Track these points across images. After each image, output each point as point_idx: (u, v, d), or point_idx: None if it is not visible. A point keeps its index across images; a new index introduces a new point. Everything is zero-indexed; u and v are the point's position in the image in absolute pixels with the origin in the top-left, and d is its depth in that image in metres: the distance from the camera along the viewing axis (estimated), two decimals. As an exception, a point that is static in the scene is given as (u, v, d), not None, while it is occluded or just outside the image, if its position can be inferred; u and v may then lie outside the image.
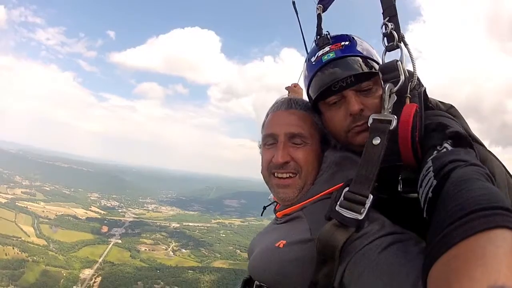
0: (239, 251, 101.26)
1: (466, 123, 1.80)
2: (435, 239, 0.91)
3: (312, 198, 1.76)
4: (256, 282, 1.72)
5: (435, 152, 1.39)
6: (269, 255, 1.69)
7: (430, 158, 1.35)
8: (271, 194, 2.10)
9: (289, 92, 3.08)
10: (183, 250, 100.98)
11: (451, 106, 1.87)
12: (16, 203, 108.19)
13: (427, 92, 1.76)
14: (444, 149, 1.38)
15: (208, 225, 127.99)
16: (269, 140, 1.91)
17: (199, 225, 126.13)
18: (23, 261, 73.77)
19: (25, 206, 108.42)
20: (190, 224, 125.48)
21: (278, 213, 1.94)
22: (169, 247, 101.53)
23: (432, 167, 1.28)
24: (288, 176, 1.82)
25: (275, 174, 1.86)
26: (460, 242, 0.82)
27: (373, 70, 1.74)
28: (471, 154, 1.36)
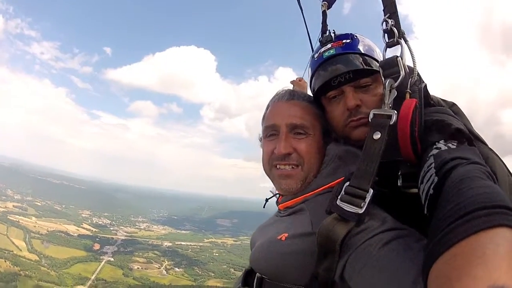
0: (233, 270, 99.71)
1: (468, 121, 1.81)
2: (436, 237, 0.92)
3: (314, 191, 1.77)
4: (258, 274, 1.74)
5: (436, 148, 1.39)
6: (270, 247, 1.70)
7: (431, 155, 1.37)
8: (273, 186, 2.11)
9: (293, 86, 3.13)
10: (177, 269, 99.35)
11: (453, 104, 1.90)
12: (8, 217, 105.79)
13: (428, 89, 1.79)
14: (446, 146, 1.39)
15: (201, 244, 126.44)
16: (270, 132, 1.92)
17: (192, 244, 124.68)
18: (16, 274, 71.90)
19: (17, 220, 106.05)
20: (183, 243, 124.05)
21: (280, 205, 1.96)
22: (162, 266, 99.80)
23: (433, 164, 1.30)
24: (290, 167, 1.83)
25: (277, 166, 1.88)
26: (461, 241, 0.83)
27: (372, 68, 1.80)
28: (473, 151, 1.37)
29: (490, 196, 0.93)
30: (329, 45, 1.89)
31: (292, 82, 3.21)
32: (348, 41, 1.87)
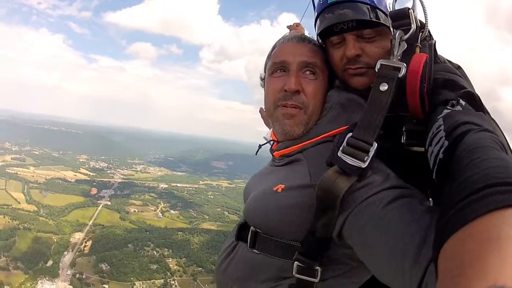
0: (227, 212, 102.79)
1: (472, 85, 1.70)
2: (449, 213, 0.86)
3: (313, 139, 1.68)
4: (252, 228, 1.64)
5: (445, 109, 1.32)
6: (266, 199, 1.63)
7: (440, 116, 1.28)
8: (268, 133, 2.13)
9: (290, 31, 2.92)
10: (172, 211, 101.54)
11: (459, 67, 1.80)
12: (6, 170, 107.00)
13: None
14: (456, 108, 1.31)
15: (196, 186, 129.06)
16: (278, 68, 1.81)
17: (187, 186, 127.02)
18: (15, 229, 73.72)
19: (15, 172, 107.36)
20: (179, 185, 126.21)
21: (275, 152, 1.86)
22: (158, 208, 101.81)
23: (443, 125, 1.21)
24: (294, 108, 1.73)
25: (282, 106, 1.77)
26: (475, 220, 0.76)
27: (378, 20, 1.67)
28: (483, 118, 1.28)
29: (506, 171, 0.85)
30: None
31: (288, 27, 3.03)
32: None
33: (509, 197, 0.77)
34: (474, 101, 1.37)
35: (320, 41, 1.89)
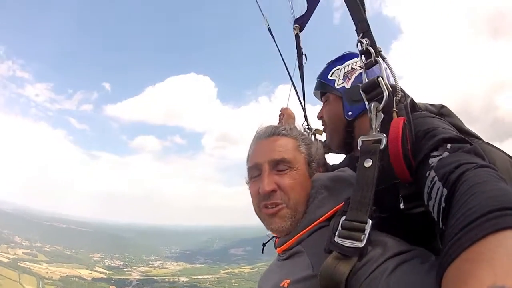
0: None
1: (459, 119, 1.79)
2: (447, 245, 0.91)
3: (306, 229, 1.68)
4: None
5: (432, 159, 1.35)
6: None
7: (430, 168, 1.32)
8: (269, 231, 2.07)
9: (283, 115, 3.12)
10: None
11: (442, 106, 1.87)
12: (19, 264, 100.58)
13: (415, 101, 1.80)
14: (442, 156, 1.34)
15: (218, 276, 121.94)
16: (254, 172, 1.87)
17: (209, 277, 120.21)
18: None
19: (28, 267, 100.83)
20: (200, 277, 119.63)
21: (277, 249, 1.85)
22: None
23: (436, 176, 1.24)
24: (275, 206, 1.74)
25: (265, 207, 1.79)
26: (471, 246, 0.81)
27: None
28: (474, 152, 1.30)
29: (500, 199, 0.91)
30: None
31: (281, 110, 3.15)
32: (323, 68, 2.27)
33: (503, 221, 0.81)
34: (457, 141, 1.40)
35: None
